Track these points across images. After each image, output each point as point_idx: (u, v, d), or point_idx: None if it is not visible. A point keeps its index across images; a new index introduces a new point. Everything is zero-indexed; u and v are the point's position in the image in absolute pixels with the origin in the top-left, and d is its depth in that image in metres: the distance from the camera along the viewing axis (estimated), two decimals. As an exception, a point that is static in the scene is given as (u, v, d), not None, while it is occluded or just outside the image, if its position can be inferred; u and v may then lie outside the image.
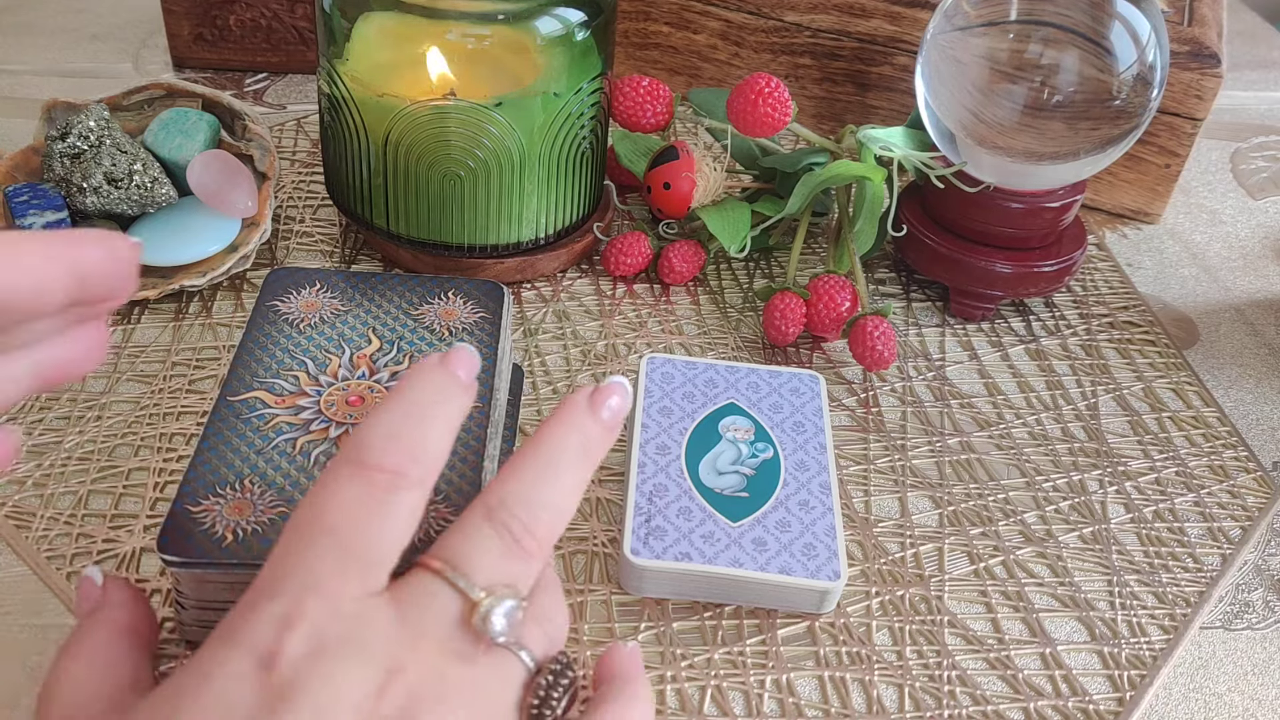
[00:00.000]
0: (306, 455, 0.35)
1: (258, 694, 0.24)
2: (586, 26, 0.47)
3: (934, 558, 0.41)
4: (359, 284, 0.41)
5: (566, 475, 0.29)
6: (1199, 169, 0.70)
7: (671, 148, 0.52)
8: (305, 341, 0.39)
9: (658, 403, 0.43)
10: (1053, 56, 0.46)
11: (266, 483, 0.34)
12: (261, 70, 0.68)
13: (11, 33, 0.71)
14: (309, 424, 0.36)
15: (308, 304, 0.40)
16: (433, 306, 0.41)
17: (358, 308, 0.40)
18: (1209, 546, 0.43)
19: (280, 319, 0.40)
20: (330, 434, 0.36)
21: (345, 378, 0.38)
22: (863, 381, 0.49)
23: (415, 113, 0.46)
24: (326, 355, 0.38)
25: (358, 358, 0.38)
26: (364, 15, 0.47)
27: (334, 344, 0.39)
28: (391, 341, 0.39)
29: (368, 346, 0.39)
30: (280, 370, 0.38)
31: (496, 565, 0.27)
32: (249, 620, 0.25)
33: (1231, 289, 0.59)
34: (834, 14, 0.62)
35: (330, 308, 0.40)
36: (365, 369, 0.38)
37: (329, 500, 0.26)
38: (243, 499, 0.33)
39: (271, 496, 0.33)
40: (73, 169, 0.48)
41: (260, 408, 0.36)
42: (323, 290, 0.41)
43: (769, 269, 0.56)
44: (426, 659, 0.26)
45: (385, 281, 0.42)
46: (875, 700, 0.36)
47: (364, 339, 0.39)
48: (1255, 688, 0.38)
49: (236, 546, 0.32)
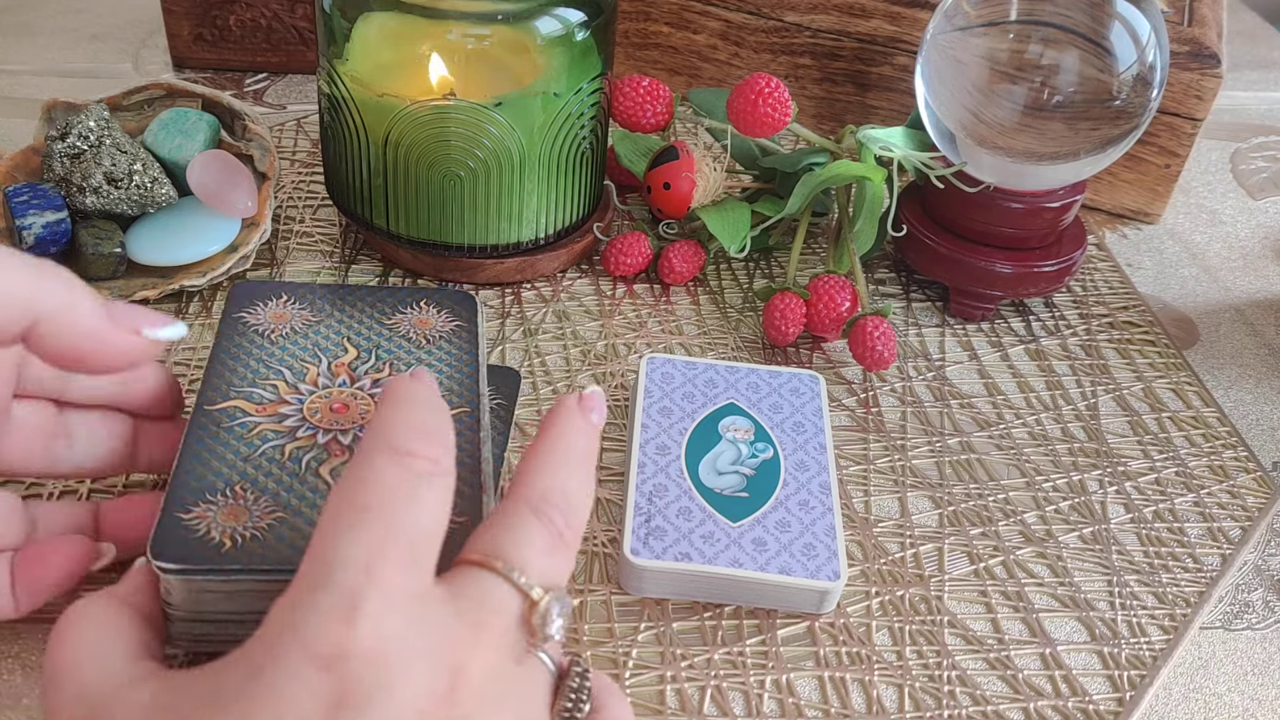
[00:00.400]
0: (297, 461, 0.34)
1: (321, 698, 0.22)
2: (586, 26, 0.47)
3: (934, 558, 0.41)
4: (327, 296, 0.41)
5: (584, 472, 0.29)
6: (1199, 169, 0.70)
7: (671, 148, 0.52)
8: (279, 351, 0.38)
9: (658, 403, 0.43)
10: (1053, 56, 0.46)
11: (259, 489, 0.33)
12: (261, 70, 0.68)
13: (11, 33, 0.71)
14: (295, 431, 0.35)
15: (276, 315, 0.39)
16: (406, 316, 0.40)
17: (329, 318, 0.39)
18: (1209, 546, 0.43)
19: (250, 330, 0.39)
20: (319, 440, 0.35)
21: (326, 385, 0.37)
22: (863, 381, 0.49)
23: (415, 113, 0.46)
24: (303, 364, 0.38)
25: (336, 366, 0.38)
26: (364, 15, 0.47)
27: (309, 353, 0.38)
28: (369, 350, 0.38)
29: (344, 355, 0.38)
30: (256, 380, 0.37)
31: (545, 561, 0.27)
32: (302, 615, 0.23)
33: (1231, 289, 0.59)
34: (834, 14, 0.62)
35: (300, 318, 0.39)
36: (345, 377, 0.37)
37: (367, 482, 0.26)
38: (236, 505, 0.32)
39: (267, 502, 0.33)
40: (73, 169, 0.48)
41: (241, 416, 0.35)
42: (290, 302, 0.40)
43: (769, 269, 0.56)
44: (488, 657, 0.25)
45: (354, 293, 0.41)
46: (875, 700, 0.36)
47: (339, 348, 0.38)
48: (1255, 688, 0.38)
49: (237, 552, 0.31)
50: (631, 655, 0.37)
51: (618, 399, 0.47)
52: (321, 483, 0.34)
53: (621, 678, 0.36)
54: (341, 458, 0.35)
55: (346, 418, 0.36)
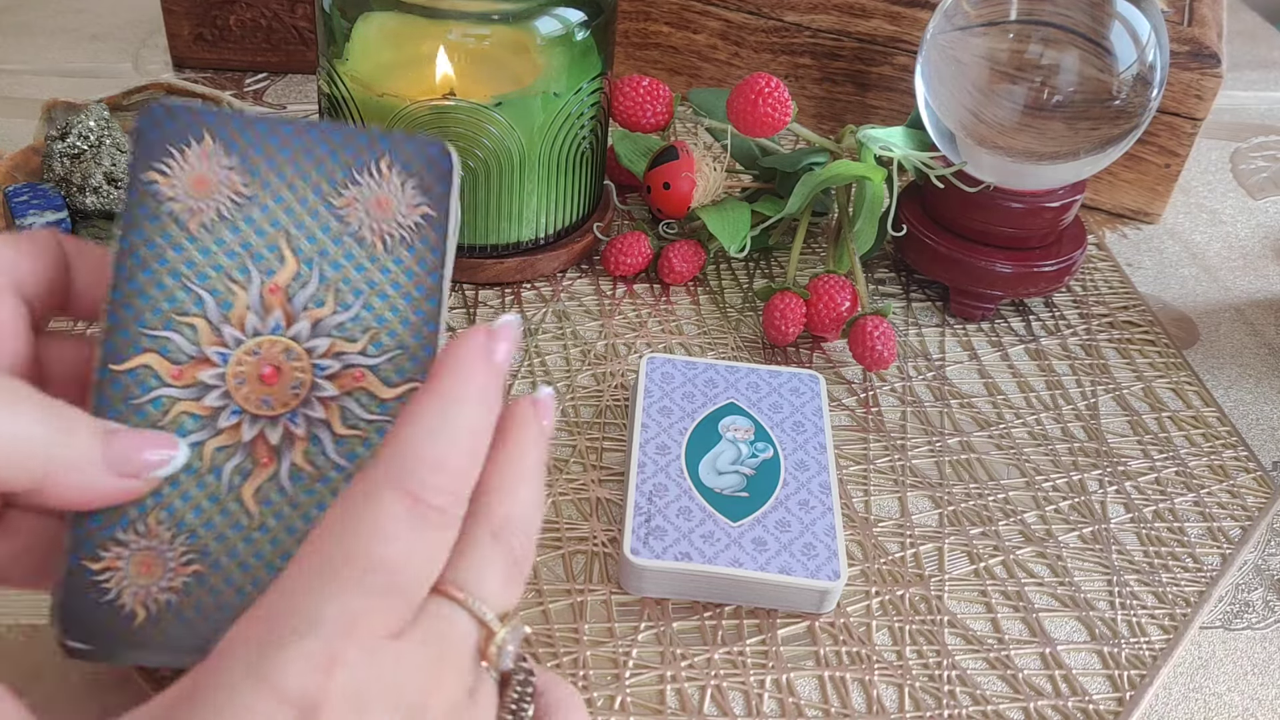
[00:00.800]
0: (218, 475, 0.28)
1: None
2: (586, 26, 0.47)
3: (934, 558, 0.41)
4: (263, 142, 0.29)
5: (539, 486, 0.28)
6: (1199, 169, 0.70)
7: (671, 148, 0.52)
8: (200, 257, 0.28)
9: (658, 402, 0.43)
10: (1053, 56, 0.46)
11: (175, 520, 0.28)
12: (261, 70, 0.68)
13: (11, 33, 0.71)
14: (216, 417, 0.28)
15: (198, 180, 0.29)
16: (361, 191, 0.29)
17: (264, 189, 0.29)
18: (1209, 546, 0.43)
19: (164, 211, 0.28)
20: (243, 437, 0.28)
21: (255, 330, 0.29)
22: (863, 381, 0.49)
23: (415, 113, 0.46)
24: (229, 286, 0.29)
25: (269, 291, 0.29)
26: (364, 15, 0.47)
27: (237, 261, 0.29)
28: (310, 261, 0.29)
29: (280, 269, 0.29)
30: (173, 313, 0.28)
31: (503, 591, 0.26)
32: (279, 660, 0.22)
33: (1231, 289, 0.59)
34: (834, 14, 0.62)
35: (230, 189, 0.29)
36: (280, 312, 0.29)
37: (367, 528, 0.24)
38: (149, 549, 0.28)
39: (183, 545, 0.28)
40: (73, 169, 0.48)
41: (154, 385, 0.28)
42: (217, 152, 0.29)
43: (769, 269, 0.56)
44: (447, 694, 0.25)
45: (300, 138, 0.29)
46: (875, 700, 0.36)
47: (274, 254, 0.29)
48: (1255, 688, 0.38)
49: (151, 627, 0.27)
50: (631, 655, 0.37)
51: (618, 399, 0.47)
52: (244, 513, 0.29)
53: (621, 677, 0.36)
54: (269, 469, 0.29)
55: (275, 393, 0.29)
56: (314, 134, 0.29)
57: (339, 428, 0.29)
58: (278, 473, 0.29)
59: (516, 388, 0.47)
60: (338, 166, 0.29)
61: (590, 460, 0.43)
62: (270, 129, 0.29)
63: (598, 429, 0.45)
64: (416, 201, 0.30)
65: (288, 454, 0.29)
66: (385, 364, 0.29)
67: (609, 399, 0.46)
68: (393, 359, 0.29)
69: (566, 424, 0.45)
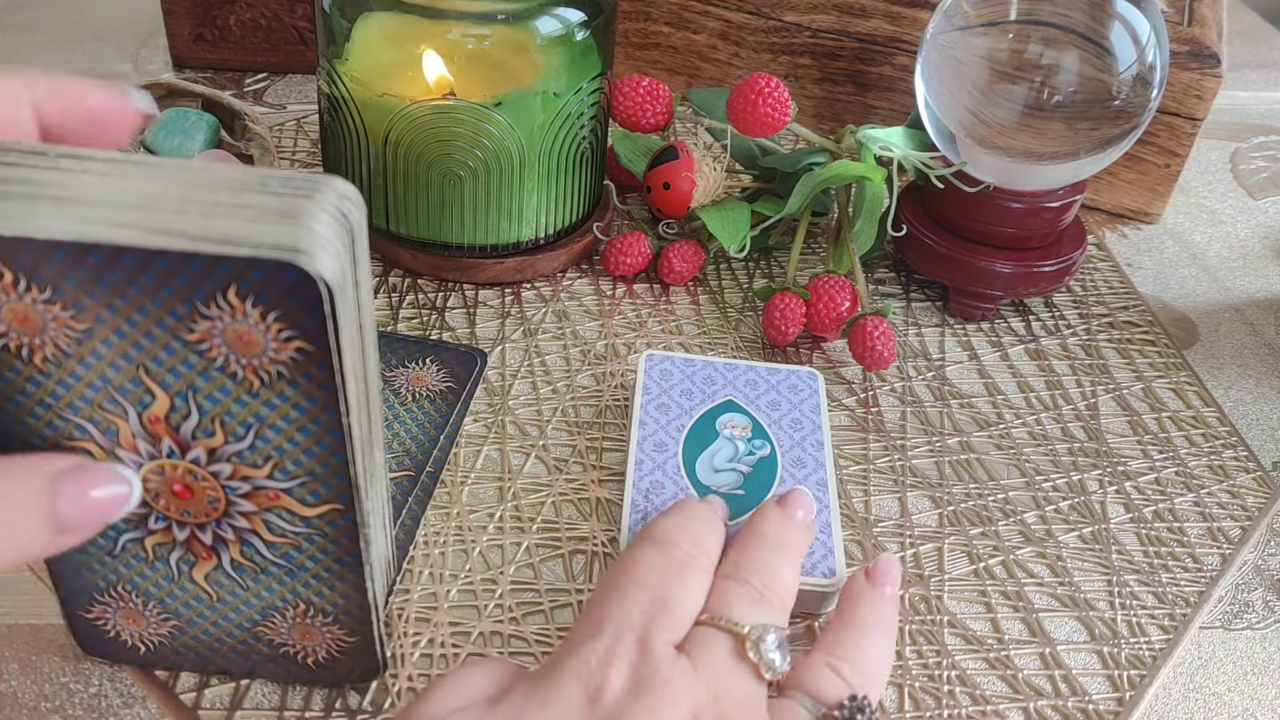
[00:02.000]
0: (166, 562, 0.29)
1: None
2: (586, 26, 0.47)
3: (934, 558, 0.41)
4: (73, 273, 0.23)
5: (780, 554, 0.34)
6: (1199, 169, 0.70)
7: (671, 148, 0.52)
8: (60, 389, 0.25)
9: (655, 399, 0.43)
10: (1053, 56, 0.46)
11: (142, 593, 0.30)
12: (261, 70, 0.68)
13: (11, 33, 0.71)
14: (145, 520, 0.28)
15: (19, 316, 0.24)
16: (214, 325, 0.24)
17: (98, 323, 0.24)
18: (1209, 546, 0.43)
19: None
20: (176, 537, 0.28)
21: (151, 454, 0.27)
22: (862, 381, 0.49)
23: (415, 113, 0.46)
24: (105, 414, 0.26)
25: (150, 421, 0.26)
26: (364, 15, 0.47)
27: (101, 394, 0.25)
28: (183, 394, 0.25)
29: (153, 403, 0.26)
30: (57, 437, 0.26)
31: (751, 611, 0.31)
32: (578, 655, 0.29)
33: (1231, 289, 0.59)
34: (834, 14, 0.62)
35: (58, 323, 0.24)
36: (169, 441, 0.26)
37: (638, 563, 0.32)
38: (130, 609, 0.30)
39: (155, 608, 0.30)
40: (72, 169, 0.48)
41: None
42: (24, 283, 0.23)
43: (769, 269, 0.56)
44: (721, 698, 0.29)
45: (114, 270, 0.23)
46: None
47: (140, 388, 0.25)
48: (1255, 688, 0.38)
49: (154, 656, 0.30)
50: (631, 654, 0.37)
51: (618, 399, 0.47)
52: (202, 590, 0.30)
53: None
54: (210, 562, 0.29)
55: (193, 506, 0.28)
56: (130, 261, 0.23)
57: (267, 535, 0.29)
58: (220, 564, 0.30)
59: (516, 387, 0.47)
60: (175, 299, 0.24)
61: (590, 460, 0.43)
62: (75, 260, 0.23)
63: (597, 429, 0.45)
64: (286, 337, 0.24)
65: (225, 551, 0.30)
66: (298, 488, 0.27)
67: (609, 399, 0.46)
68: (304, 484, 0.27)
69: (566, 424, 0.45)
